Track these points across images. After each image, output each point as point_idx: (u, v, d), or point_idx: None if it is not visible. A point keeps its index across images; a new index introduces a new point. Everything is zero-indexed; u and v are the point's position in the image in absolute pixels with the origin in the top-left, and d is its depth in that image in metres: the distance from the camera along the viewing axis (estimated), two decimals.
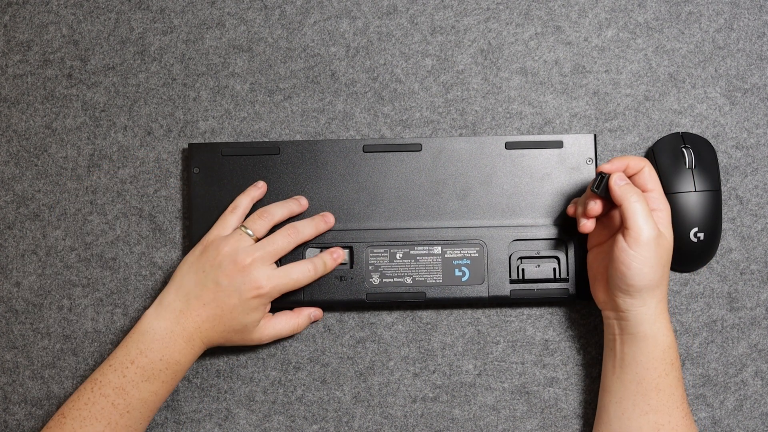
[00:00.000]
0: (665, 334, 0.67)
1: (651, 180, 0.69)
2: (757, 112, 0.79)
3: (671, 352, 0.67)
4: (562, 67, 0.80)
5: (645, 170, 0.69)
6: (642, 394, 0.67)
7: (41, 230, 0.80)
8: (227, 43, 0.81)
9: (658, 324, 0.67)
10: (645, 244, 0.65)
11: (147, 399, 0.68)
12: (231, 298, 0.69)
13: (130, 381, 0.68)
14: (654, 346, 0.67)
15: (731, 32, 0.80)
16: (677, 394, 0.67)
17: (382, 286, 0.76)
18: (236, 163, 0.77)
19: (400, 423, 0.77)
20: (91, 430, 0.66)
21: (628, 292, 0.67)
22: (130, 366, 0.68)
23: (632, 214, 0.65)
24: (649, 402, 0.67)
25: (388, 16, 0.81)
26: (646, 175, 0.69)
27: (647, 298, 0.67)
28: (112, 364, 0.68)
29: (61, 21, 0.81)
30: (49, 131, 0.80)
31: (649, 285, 0.66)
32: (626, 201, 0.66)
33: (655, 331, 0.67)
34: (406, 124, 0.80)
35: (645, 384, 0.67)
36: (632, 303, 0.67)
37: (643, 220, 0.65)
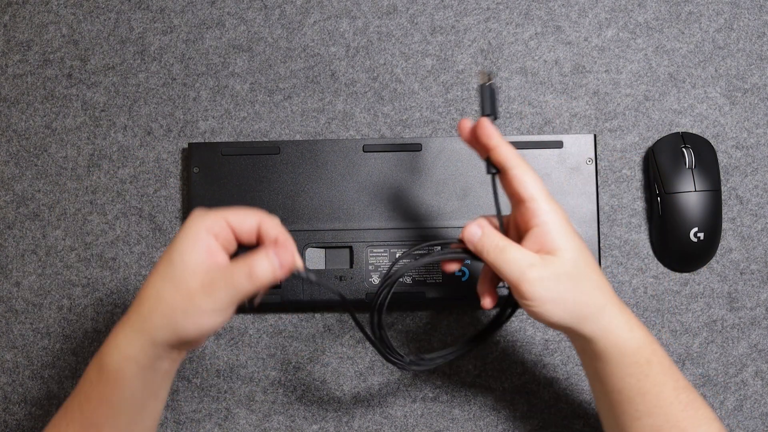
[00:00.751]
0: (626, 338, 0.58)
1: (525, 185, 0.57)
2: (757, 112, 0.79)
3: (643, 351, 0.58)
4: (562, 67, 0.80)
5: (512, 171, 0.58)
6: (627, 402, 0.59)
7: (41, 230, 0.80)
8: (227, 43, 0.81)
9: (613, 332, 0.58)
10: (533, 292, 0.56)
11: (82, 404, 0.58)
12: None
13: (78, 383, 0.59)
14: (619, 355, 0.58)
15: (731, 32, 0.80)
16: (666, 390, 0.59)
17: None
18: (236, 163, 0.77)
19: (400, 423, 0.77)
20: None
21: (560, 329, 0.59)
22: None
23: (502, 269, 0.57)
24: (637, 408, 0.59)
25: (388, 16, 0.81)
26: (518, 178, 0.58)
27: (581, 322, 0.58)
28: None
29: (61, 21, 0.81)
30: (49, 131, 0.81)
31: (571, 316, 0.57)
32: (489, 258, 0.57)
33: (614, 340, 0.58)
34: (406, 124, 0.80)
35: (626, 392, 0.59)
36: (572, 331, 0.59)
37: (514, 271, 0.56)
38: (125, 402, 0.56)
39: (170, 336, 0.55)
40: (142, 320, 0.55)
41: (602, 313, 0.58)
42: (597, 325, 0.58)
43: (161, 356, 0.56)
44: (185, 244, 0.55)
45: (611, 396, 0.60)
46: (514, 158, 0.58)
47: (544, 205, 0.57)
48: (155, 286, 0.55)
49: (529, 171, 0.58)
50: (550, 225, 0.57)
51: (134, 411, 0.57)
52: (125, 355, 0.55)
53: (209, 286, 0.54)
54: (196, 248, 0.55)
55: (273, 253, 0.54)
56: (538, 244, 0.57)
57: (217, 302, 0.54)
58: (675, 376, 0.59)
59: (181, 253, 0.55)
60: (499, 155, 0.58)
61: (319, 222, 0.77)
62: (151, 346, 0.55)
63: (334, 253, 0.77)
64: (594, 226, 0.76)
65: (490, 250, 0.58)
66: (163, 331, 0.55)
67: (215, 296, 0.54)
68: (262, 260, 0.54)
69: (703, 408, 0.59)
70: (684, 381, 0.60)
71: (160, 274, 0.55)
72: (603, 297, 0.58)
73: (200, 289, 0.54)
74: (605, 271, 0.78)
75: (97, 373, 0.56)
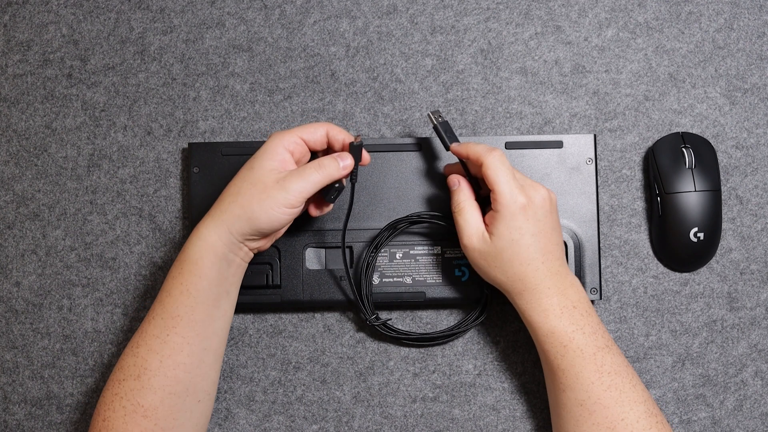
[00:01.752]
0: (542, 321, 0.67)
1: (491, 179, 0.68)
2: (757, 112, 0.79)
3: (556, 338, 0.67)
4: (562, 67, 0.80)
5: (482, 168, 0.68)
6: (551, 372, 0.68)
7: (41, 230, 0.80)
8: (227, 43, 0.81)
9: (530, 314, 0.68)
10: (469, 251, 0.69)
11: (163, 300, 0.67)
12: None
13: (162, 287, 0.68)
14: (535, 333, 0.68)
15: (731, 32, 0.80)
16: (585, 370, 0.66)
17: (382, 286, 0.76)
18: (236, 163, 0.77)
19: (400, 423, 0.77)
20: (131, 343, 0.68)
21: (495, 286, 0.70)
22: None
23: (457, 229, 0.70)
24: (560, 380, 0.67)
25: (388, 15, 0.81)
26: (487, 175, 0.68)
27: (509, 291, 0.69)
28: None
29: (61, 21, 0.81)
30: (49, 131, 0.80)
31: (497, 282, 0.69)
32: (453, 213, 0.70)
33: (530, 321, 0.68)
34: (406, 124, 0.80)
35: (550, 365, 0.68)
36: (505, 293, 0.70)
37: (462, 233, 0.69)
38: (203, 292, 0.66)
39: (245, 225, 0.65)
40: (220, 212, 0.66)
41: (519, 296, 0.68)
42: (517, 301, 0.69)
43: (235, 247, 0.67)
44: (264, 156, 0.66)
45: (544, 365, 0.70)
46: (484, 155, 0.68)
47: (502, 198, 0.67)
48: (236, 185, 0.66)
49: (496, 164, 0.68)
50: (500, 214, 0.67)
51: (210, 303, 0.67)
52: (205, 244, 0.66)
53: (283, 179, 0.65)
54: (273, 158, 0.66)
55: (338, 156, 0.68)
56: (489, 220, 0.69)
57: (289, 193, 0.65)
58: (600, 362, 0.66)
59: (260, 160, 0.66)
60: (474, 157, 0.69)
61: (319, 222, 0.77)
62: (227, 235, 0.66)
63: (334, 253, 0.77)
64: (594, 226, 0.76)
65: (454, 206, 0.70)
66: (240, 222, 0.65)
67: (288, 187, 0.65)
68: (328, 158, 0.67)
69: (630, 392, 0.66)
70: (613, 366, 0.66)
71: (240, 177, 0.67)
72: (522, 285, 0.68)
73: (275, 184, 0.65)
74: (605, 270, 0.78)
75: (178, 267, 0.67)
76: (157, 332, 0.66)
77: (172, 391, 0.66)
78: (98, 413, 0.67)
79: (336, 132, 0.69)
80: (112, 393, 0.67)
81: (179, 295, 0.66)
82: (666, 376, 0.77)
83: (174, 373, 0.66)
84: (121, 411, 0.66)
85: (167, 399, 0.66)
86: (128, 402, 0.66)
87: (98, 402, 0.68)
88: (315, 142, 0.68)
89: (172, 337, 0.66)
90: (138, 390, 0.66)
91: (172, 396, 0.66)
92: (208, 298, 0.66)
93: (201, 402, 0.68)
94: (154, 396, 0.66)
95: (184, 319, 0.66)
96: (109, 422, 0.66)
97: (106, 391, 0.67)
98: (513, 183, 0.67)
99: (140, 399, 0.66)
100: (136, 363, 0.66)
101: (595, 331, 0.67)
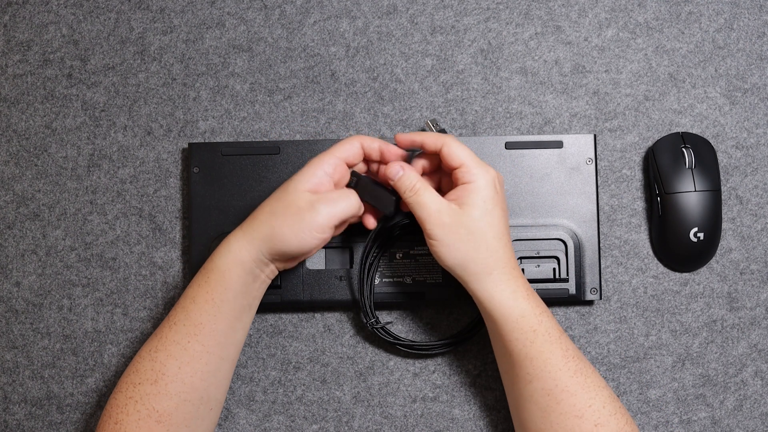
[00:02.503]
0: (510, 306, 0.65)
1: (456, 155, 0.66)
2: (757, 112, 0.79)
3: (526, 320, 0.65)
4: (562, 67, 0.80)
5: (443, 149, 0.67)
6: (518, 365, 0.65)
7: (41, 230, 0.80)
8: (227, 43, 0.81)
9: (497, 297, 0.65)
10: (432, 231, 0.65)
11: (187, 306, 0.67)
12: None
13: (183, 293, 0.69)
14: (503, 321, 0.65)
15: (731, 32, 0.80)
16: (553, 357, 0.64)
17: (382, 286, 0.76)
18: (236, 163, 0.77)
19: (400, 423, 0.77)
20: (148, 346, 0.68)
21: (454, 274, 0.66)
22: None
23: (415, 209, 0.66)
24: (527, 371, 0.65)
25: (388, 16, 0.81)
26: (450, 153, 0.66)
27: (470, 275, 0.65)
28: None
29: (61, 21, 0.81)
30: (49, 131, 0.81)
31: (460, 263, 0.65)
32: (405, 197, 0.66)
33: (497, 305, 0.65)
34: (406, 124, 0.80)
35: (515, 356, 0.65)
36: (463, 281, 0.66)
37: (424, 211, 0.65)
38: (227, 303, 0.66)
39: (273, 246, 0.66)
40: (252, 230, 0.66)
41: (489, 276, 0.65)
42: (482, 286, 0.65)
43: (262, 264, 0.67)
44: (301, 178, 0.66)
45: (505, 359, 0.67)
46: (440, 138, 0.67)
47: (474, 169, 0.65)
48: (270, 204, 0.66)
49: (455, 143, 0.66)
50: (473, 185, 0.65)
51: (233, 315, 0.67)
52: (234, 257, 0.66)
53: (315, 202, 0.65)
54: (309, 180, 0.66)
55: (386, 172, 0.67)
56: (456, 195, 0.66)
57: (320, 217, 0.65)
58: (564, 345, 0.65)
59: (296, 182, 0.66)
60: (430, 143, 0.67)
61: None
62: (257, 252, 0.66)
63: (334, 253, 0.77)
64: (594, 226, 0.76)
65: (406, 190, 0.66)
66: (270, 242, 0.66)
67: (319, 211, 0.64)
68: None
69: (593, 376, 0.65)
70: (574, 351, 0.66)
71: (275, 197, 0.67)
72: (494, 262, 0.65)
73: (307, 207, 0.65)
74: (605, 271, 0.78)
75: (205, 276, 0.67)
76: (178, 338, 0.67)
77: (187, 398, 0.66)
78: (109, 416, 0.67)
79: (369, 142, 0.69)
80: (125, 396, 0.66)
81: (204, 303, 0.66)
82: (666, 376, 0.77)
83: (191, 380, 0.66)
84: (135, 415, 0.66)
85: (182, 406, 0.66)
86: (143, 406, 0.66)
87: (108, 404, 0.68)
88: (353, 158, 0.68)
89: (192, 344, 0.66)
90: (154, 395, 0.66)
91: (186, 403, 0.66)
92: (232, 309, 0.67)
93: (212, 410, 0.69)
94: (170, 402, 0.66)
95: (206, 327, 0.66)
96: (121, 425, 0.66)
97: (119, 394, 0.67)
98: (477, 158, 0.66)
99: (155, 404, 0.66)
100: (153, 367, 0.66)
101: (552, 315, 0.67)
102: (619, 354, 0.77)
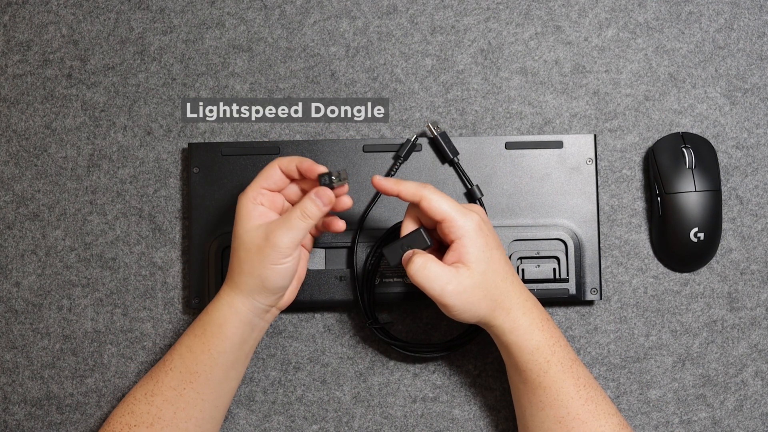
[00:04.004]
0: (527, 338, 0.66)
1: (437, 210, 0.65)
2: (757, 112, 0.79)
3: (541, 350, 0.66)
4: (562, 67, 0.80)
5: (423, 204, 0.65)
6: (531, 391, 0.67)
7: (41, 230, 0.79)
8: (227, 43, 0.81)
9: (517, 330, 0.66)
10: (449, 305, 0.64)
11: (184, 354, 0.68)
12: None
13: (179, 338, 0.70)
14: (520, 352, 0.66)
15: (731, 32, 0.80)
16: (566, 386, 0.66)
17: (382, 286, 0.76)
18: (236, 163, 0.77)
19: (400, 423, 0.77)
20: (143, 389, 0.69)
21: (475, 323, 0.67)
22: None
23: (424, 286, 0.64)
24: (540, 399, 0.66)
25: (388, 16, 0.81)
26: (430, 207, 0.65)
27: (490, 320, 0.66)
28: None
29: (61, 21, 0.81)
30: (48, 131, 0.80)
31: (480, 318, 0.66)
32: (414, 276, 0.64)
33: (516, 338, 0.66)
34: (406, 124, 0.80)
35: (530, 384, 0.67)
36: (483, 324, 0.67)
37: (434, 288, 0.64)
38: (224, 354, 0.68)
39: (260, 288, 0.67)
40: (236, 285, 0.67)
41: (507, 315, 0.66)
42: (503, 322, 0.66)
43: (260, 312, 0.68)
44: (242, 220, 0.66)
45: (520, 386, 0.68)
46: (418, 190, 0.65)
47: (458, 221, 0.64)
48: (237, 257, 0.67)
49: (434, 194, 0.65)
50: (465, 239, 0.65)
51: (229, 365, 0.69)
52: (230, 309, 0.67)
53: (271, 234, 0.65)
54: (250, 218, 0.66)
55: (314, 195, 0.65)
56: (456, 256, 0.65)
57: (282, 244, 0.64)
58: (576, 374, 0.67)
59: (242, 226, 0.66)
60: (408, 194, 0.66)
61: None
62: (251, 302, 0.67)
63: (334, 253, 0.77)
64: (594, 226, 0.76)
65: (414, 271, 0.64)
66: (256, 288, 0.67)
67: (279, 242, 0.64)
68: (307, 202, 0.65)
69: (603, 403, 0.67)
70: (586, 378, 0.67)
71: (235, 248, 0.67)
72: (509, 302, 0.66)
73: (266, 243, 0.65)
74: (605, 271, 0.78)
75: (201, 327, 0.68)
76: (174, 384, 0.68)
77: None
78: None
79: (285, 164, 0.66)
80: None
81: (200, 353, 0.68)
82: (666, 377, 0.77)
83: (186, 425, 0.68)
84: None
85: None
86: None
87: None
88: (276, 183, 0.67)
89: (188, 391, 0.68)
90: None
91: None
92: (228, 360, 0.68)
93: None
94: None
95: (202, 376, 0.68)
96: None
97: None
98: (458, 206, 0.65)
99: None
100: (150, 411, 0.68)
101: (566, 342, 0.68)
102: (619, 354, 0.77)
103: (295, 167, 0.66)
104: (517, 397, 0.70)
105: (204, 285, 0.76)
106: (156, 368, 0.70)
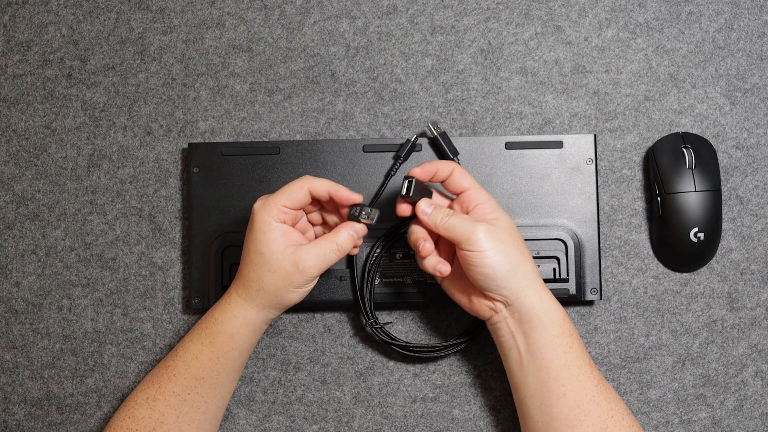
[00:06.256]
0: (555, 309, 0.66)
1: (464, 179, 0.68)
2: (757, 112, 0.79)
3: (567, 324, 0.66)
4: (562, 67, 0.80)
5: (455, 172, 0.68)
6: (554, 377, 0.65)
7: (41, 230, 0.80)
8: (227, 43, 0.81)
9: (545, 300, 0.66)
10: (482, 241, 0.64)
11: (189, 362, 0.68)
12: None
13: (181, 343, 0.70)
14: (551, 324, 0.65)
15: (731, 32, 0.80)
16: (584, 364, 0.66)
17: (382, 287, 0.76)
18: (236, 163, 0.77)
19: (400, 423, 0.77)
20: (144, 393, 0.69)
21: (503, 285, 0.65)
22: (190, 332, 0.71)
23: (453, 230, 0.65)
24: (562, 383, 0.65)
25: (388, 16, 0.81)
26: (457, 177, 0.68)
27: (521, 279, 0.65)
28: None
29: (61, 21, 0.81)
30: (48, 131, 0.80)
31: (513, 267, 0.65)
32: (440, 225, 0.66)
33: (546, 308, 0.66)
34: (406, 124, 0.80)
35: (555, 365, 0.65)
36: (513, 291, 0.65)
37: (465, 227, 0.65)
38: (232, 361, 0.69)
39: (277, 306, 0.68)
40: (251, 298, 0.67)
41: (536, 280, 0.66)
42: (533, 291, 0.66)
43: (269, 321, 0.70)
44: (265, 239, 0.66)
45: (541, 374, 0.66)
46: (451, 167, 0.68)
47: (481, 192, 0.68)
48: (257, 273, 0.67)
49: (464, 171, 0.69)
50: (488, 203, 0.68)
51: (233, 370, 0.70)
52: (244, 320, 0.68)
53: (302, 262, 0.65)
54: (275, 237, 0.66)
55: (353, 230, 0.67)
56: (479, 215, 0.67)
57: (313, 274, 0.66)
58: (587, 355, 0.67)
59: (267, 244, 0.66)
60: (443, 168, 0.68)
61: None
62: (265, 314, 0.69)
63: None
64: (594, 226, 0.76)
65: (438, 220, 0.66)
66: (273, 304, 0.68)
67: (309, 272, 0.66)
68: (345, 235, 0.66)
69: (610, 387, 0.67)
70: (591, 360, 0.67)
71: (255, 263, 0.67)
72: (533, 269, 0.67)
73: (295, 269, 0.65)
74: (605, 271, 0.78)
75: (210, 336, 0.68)
76: (178, 390, 0.68)
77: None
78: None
79: (318, 186, 0.67)
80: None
81: (208, 361, 0.68)
82: (666, 376, 0.77)
83: (188, 428, 0.68)
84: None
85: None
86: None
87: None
88: (300, 203, 0.67)
89: (192, 396, 0.68)
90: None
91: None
92: (235, 365, 0.70)
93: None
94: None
95: (207, 381, 0.68)
96: None
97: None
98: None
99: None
100: (152, 416, 0.68)
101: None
102: (619, 354, 0.77)
103: (327, 193, 0.67)
104: (528, 392, 0.67)
105: (204, 285, 0.76)
106: (158, 372, 0.70)
